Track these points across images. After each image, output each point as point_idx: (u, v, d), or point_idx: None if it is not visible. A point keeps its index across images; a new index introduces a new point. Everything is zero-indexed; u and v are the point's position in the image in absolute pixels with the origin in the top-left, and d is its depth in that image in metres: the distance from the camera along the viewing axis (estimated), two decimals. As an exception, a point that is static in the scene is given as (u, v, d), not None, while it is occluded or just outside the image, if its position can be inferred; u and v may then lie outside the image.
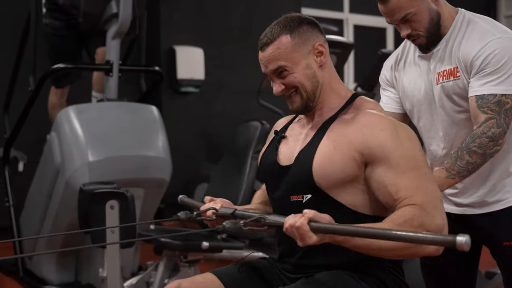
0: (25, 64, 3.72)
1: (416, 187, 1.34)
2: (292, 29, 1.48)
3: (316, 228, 1.21)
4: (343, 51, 4.36)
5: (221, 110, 5.38)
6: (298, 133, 1.56)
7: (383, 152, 1.39)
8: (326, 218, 1.24)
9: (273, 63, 1.47)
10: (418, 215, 1.29)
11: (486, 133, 1.64)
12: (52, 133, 3.20)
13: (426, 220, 1.29)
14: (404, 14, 1.70)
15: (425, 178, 1.37)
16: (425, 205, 1.31)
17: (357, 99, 1.53)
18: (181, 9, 5.28)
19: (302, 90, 1.49)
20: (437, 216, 1.32)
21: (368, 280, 1.44)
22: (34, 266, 3.38)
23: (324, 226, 1.21)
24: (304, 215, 1.23)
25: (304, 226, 1.22)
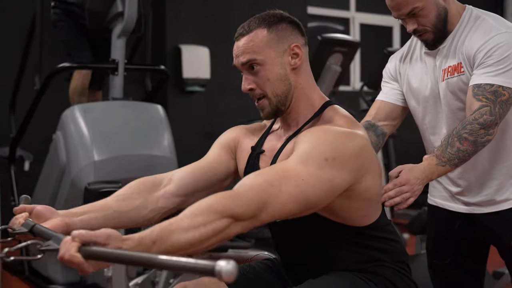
0: (30, 63, 3.73)
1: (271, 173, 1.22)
2: (270, 24, 1.41)
3: (87, 255, 1.01)
4: (349, 49, 4.34)
5: (226, 109, 5.37)
6: (273, 147, 1.48)
7: (300, 145, 1.30)
8: (103, 235, 1.02)
9: (244, 55, 1.41)
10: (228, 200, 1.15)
11: (477, 119, 1.61)
12: (58, 132, 3.20)
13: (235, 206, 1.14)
14: (411, 8, 1.69)
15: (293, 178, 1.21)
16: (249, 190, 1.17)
17: (326, 110, 1.43)
18: (186, 8, 5.27)
19: (272, 95, 1.41)
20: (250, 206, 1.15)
21: (376, 280, 1.43)
22: (40, 265, 3.39)
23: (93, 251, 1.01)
24: (75, 238, 1.01)
25: (74, 258, 1.00)
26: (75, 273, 3.28)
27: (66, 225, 1.29)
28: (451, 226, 1.89)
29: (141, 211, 1.45)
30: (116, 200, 1.44)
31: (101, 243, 1.02)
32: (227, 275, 0.84)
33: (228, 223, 1.14)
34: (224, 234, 1.14)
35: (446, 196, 1.90)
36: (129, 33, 3.31)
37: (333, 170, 1.25)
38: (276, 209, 1.19)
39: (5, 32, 4.51)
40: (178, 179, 1.51)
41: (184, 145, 4.53)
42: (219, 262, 0.84)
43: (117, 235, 1.04)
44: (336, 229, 1.41)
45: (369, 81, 5.02)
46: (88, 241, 1.02)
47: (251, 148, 1.52)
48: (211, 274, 0.85)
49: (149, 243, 1.06)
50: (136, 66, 3.74)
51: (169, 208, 1.49)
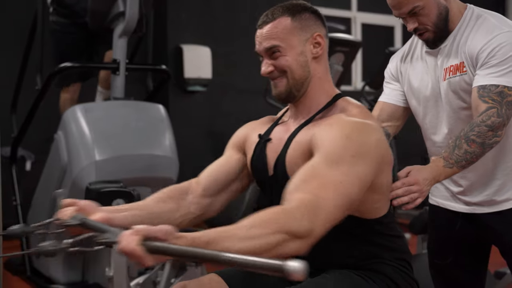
0: (32, 63, 3.73)
1: (308, 183, 1.23)
2: (294, 13, 1.45)
3: (149, 249, 1.06)
4: (351, 49, 4.34)
5: (228, 109, 5.37)
6: (281, 136, 1.49)
7: (320, 143, 1.32)
8: (162, 231, 1.07)
9: (268, 41, 1.44)
10: (283, 217, 1.17)
11: (485, 121, 1.61)
12: (59, 132, 3.20)
13: (289, 223, 1.16)
14: (412, 7, 1.68)
15: (331, 182, 1.23)
16: (299, 207, 1.19)
17: (339, 101, 1.47)
18: (188, 7, 5.27)
19: (290, 76, 1.44)
20: (303, 221, 1.17)
21: (376, 279, 1.43)
22: (41, 265, 3.39)
23: (156, 246, 1.05)
24: (136, 232, 1.06)
25: (136, 251, 1.05)
26: (77, 273, 3.28)
27: (109, 220, 1.32)
28: (453, 226, 1.88)
29: (173, 214, 1.51)
30: (153, 202, 1.51)
31: (161, 238, 1.06)
32: (297, 274, 0.87)
33: (282, 239, 1.15)
34: (277, 250, 1.15)
35: (447, 196, 1.89)
36: (130, 33, 3.31)
37: (362, 165, 1.29)
38: (326, 218, 1.21)
39: (6, 32, 4.52)
40: (203, 182, 1.57)
41: (186, 145, 4.54)
42: (288, 262, 0.87)
43: (173, 232, 1.08)
44: (344, 221, 1.39)
45: (370, 81, 5.01)
46: (149, 235, 1.06)
47: (258, 135, 1.55)
48: (280, 273, 0.88)
49: (202, 244, 1.09)
50: (137, 66, 3.74)
51: (197, 214, 1.56)
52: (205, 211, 1.57)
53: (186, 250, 1.04)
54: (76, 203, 1.34)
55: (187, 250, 1.04)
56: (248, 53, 5.57)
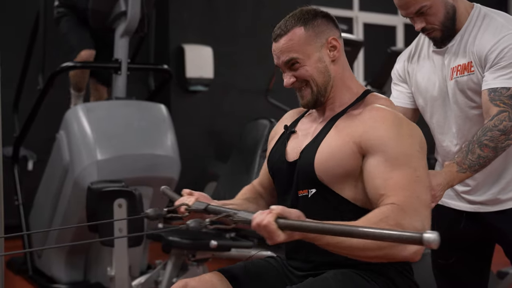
0: (34, 63, 3.73)
1: (402, 187, 1.30)
2: (306, 22, 1.47)
3: (284, 225, 1.16)
4: (353, 49, 4.34)
5: (229, 109, 5.37)
6: (308, 127, 1.54)
7: (379, 144, 1.36)
8: (295, 213, 1.18)
9: (286, 54, 1.46)
10: (396, 214, 1.23)
11: (497, 126, 1.61)
12: (61, 131, 3.20)
13: (403, 221, 1.22)
14: (419, 7, 1.68)
15: (416, 180, 1.31)
16: (406, 206, 1.26)
17: (368, 96, 1.51)
18: (190, 7, 5.27)
19: (313, 84, 1.47)
20: (416, 219, 1.24)
21: (377, 279, 1.42)
22: (43, 265, 3.39)
23: (291, 223, 1.16)
24: (271, 211, 1.17)
25: (270, 224, 1.15)
26: (79, 273, 3.29)
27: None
28: (456, 225, 1.88)
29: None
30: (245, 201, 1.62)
31: (294, 218, 1.16)
32: (434, 243, 0.98)
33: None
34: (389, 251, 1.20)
35: (451, 195, 1.89)
36: (132, 33, 3.31)
37: (423, 154, 1.38)
38: (426, 212, 1.29)
39: (8, 32, 4.52)
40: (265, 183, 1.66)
41: (187, 145, 4.54)
42: (426, 233, 0.98)
43: (303, 217, 1.18)
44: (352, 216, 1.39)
45: (372, 81, 5.01)
46: (283, 215, 1.16)
47: (284, 126, 1.59)
48: (418, 243, 0.99)
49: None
50: (139, 66, 3.74)
51: None
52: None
53: (320, 226, 1.11)
54: (192, 193, 1.47)
55: (320, 225, 1.11)
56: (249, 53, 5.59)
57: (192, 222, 1.25)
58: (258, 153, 3.00)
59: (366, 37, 6.41)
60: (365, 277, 1.42)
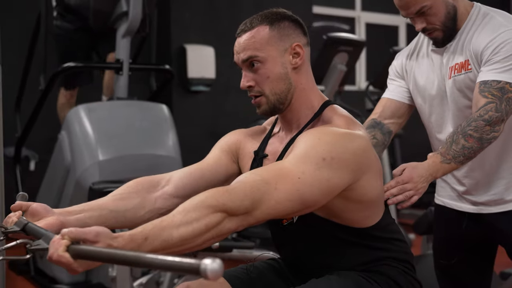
0: (35, 63, 3.73)
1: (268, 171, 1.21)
2: (272, 22, 1.40)
3: (75, 254, 0.99)
4: (355, 49, 4.32)
5: (231, 109, 5.36)
6: (275, 151, 1.46)
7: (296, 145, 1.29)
8: (92, 233, 1.00)
9: (245, 51, 1.40)
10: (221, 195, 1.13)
11: (483, 116, 1.59)
12: (63, 132, 3.20)
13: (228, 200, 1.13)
14: (420, 7, 1.67)
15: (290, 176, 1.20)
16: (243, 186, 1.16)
17: (326, 110, 1.42)
18: (192, 7, 5.26)
19: (270, 93, 1.39)
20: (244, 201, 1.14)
21: (379, 280, 1.42)
22: (45, 265, 3.39)
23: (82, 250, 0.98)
24: (63, 237, 0.99)
25: (62, 258, 0.98)
26: (80, 273, 3.27)
27: (61, 224, 1.26)
28: (459, 226, 1.87)
29: (138, 211, 1.42)
30: (113, 200, 1.41)
31: (91, 240, 0.99)
32: (212, 274, 0.81)
33: (221, 218, 1.12)
34: (217, 230, 1.12)
35: (453, 196, 1.88)
36: (133, 33, 3.31)
37: (331, 170, 1.24)
38: (270, 206, 1.18)
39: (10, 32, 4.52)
40: (177, 180, 1.48)
41: (189, 145, 4.53)
42: (204, 261, 0.81)
43: (107, 233, 1.01)
44: (339, 231, 1.40)
45: (374, 81, 5.00)
46: (77, 238, 0.99)
47: (254, 152, 1.51)
48: (196, 273, 0.82)
49: (141, 239, 1.04)
50: (140, 66, 3.74)
51: (166, 210, 1.45)
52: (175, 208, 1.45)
53: (109, 253, 0.96)
54: (27, 206, 1.27)
55: (109, 253, 0.96)
56: (251, 53, 5.55)
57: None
58: (260, 154, 2.99)
59: (368, 37, 6.40)
60: (367, 278, 1.41)
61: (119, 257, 0.95)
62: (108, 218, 1.37)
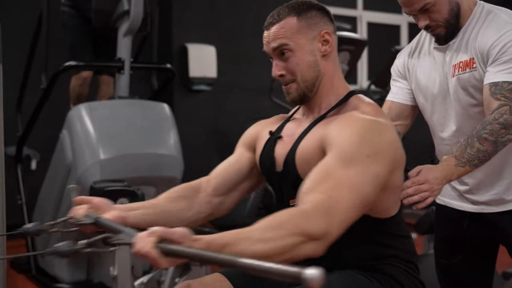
0: (37, 62, 3.73)
1: (327, 187, 1.21)
2: (300, 12, 1.43)
3: (164, 252, 1.04)
4: (357, 48, 4.32)
5: (233, 108, 5.36)
6: (293, 132, 1.48)
7: (333, 141, 1.30)
8: (179, 233, 1.06)
9: (276, 40, 1.42)
10: (298, 218, 1.16)
11: (498, 119, 1.58)
12: (64, 131, 3.20)
13: (304, 225, 1.15)
14: (423, 4, 1.66)
15: (347, 183, 1.22)
16: (316, 208, 1.18)
17: (352, 98, 1.45)
18: (193, 6, 5.26)
19: (301, 80, 1.43)
20: (322, 222, 1.16)
21: (381, 279, 1.41)
22: (47, 264, 3.39)
23: (171, 249, 1.04)
24: (152, 234, 1.05)
25: (150, 254, 1.04)
26: (82, 272, 3.28)
27: (122, 219, 1.33)
28: (460, 225, 1.86)
29: (186, 213, 1.52)
30: (165, 201, 1.51)
31: (177, 241, 1.05)
32: (315, 282, 0.83)
33: (298, 241, 1.14)
34: (293, 253, 1.14)
35: (454, 195, 1.87)
36: (135, 32, 3.31)
37: (377, 165, 1.27)
38: (341, 219, 1.20)
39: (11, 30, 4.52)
40: (214, 181, 1.57)
41: (190, 144, 4.53)
42: (306, 270, 0.84)
43: (189, 235, 1.07)
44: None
45: (376, 80, 4.99)
46: (164, 237, 1.05)
47: (269, 132, 1.54)
48: (297, 280, 0.85)
49: (218, 246, 1.08)
50: (142, 65, 3.74)
51: (209, 213, 1.56)
52: (216, 210, 1.57)
53: (202, 254, 1.01)
54: (89, 200, 1.35)
55: (203, 254, 1.01)
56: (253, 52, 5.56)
57: (63, 245, 1.09)
58: (261, 153, 2.99)
59: (370, 36, 6.39)
60: (369, 277, 1.41)
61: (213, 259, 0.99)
62: (160, 217, 1.46)
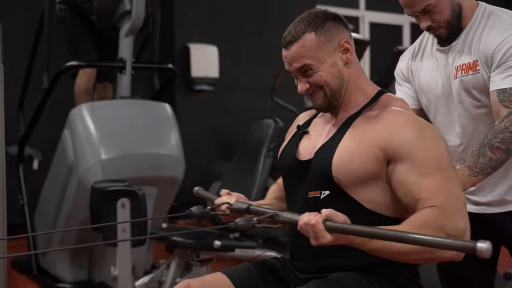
0: (39, 62, 3.73)
1: (438, 189, 1.29)
2: (317, 26, 1.43)
3: (331, 228, 1.16)
4: (359, 48, 4.31)
5: (234, 108, 5.36)
6: (321, 128, 1.52)
7: (406, 150, 1.34)
8: (342, 217, 1.18)
9: (298, 61, 1.43)
10: (438, 217, 1.24)
11: (508, 128, 1.59)
12: (65, 130, 3.20)
13: (446, 223, 1.23)
14: (425, 5, 1.66)
15: (449, 179, 1.31)
16: (447, 207, 1.26)
17: (383, 96, 1.49)
18: (195, 6, 5.26)
19: (327, 89, 1.45)
20: (458, 219, 1.26)
21: (381, 282, 1.41)
22: (48, 264, 3.39)
23: (339, 226, 1.16)
24: (320, 213, 1.18)
25: (318, 224, 1.16)
26: (83, 272, 3.29)
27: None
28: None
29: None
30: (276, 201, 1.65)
31: (341, 221, 1.17)
32: (487, 252, 1.01)
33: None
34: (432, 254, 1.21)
35: (456, 196, 1.87)
36: (136, 32, 3.31)
37: (448, 153, 1.38)
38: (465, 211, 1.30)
39: (13, 31, 4.53)
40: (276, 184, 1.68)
41: (192, 144, 4.53)
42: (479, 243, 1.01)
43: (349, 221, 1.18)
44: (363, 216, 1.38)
45: (378, 80, 4.98)
46: (331, 217, 1.17)
47: (297, 126, 1.58)
48: (472, 252, 1.01)
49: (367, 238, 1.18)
50: (143, 65, 3.74)
51: None
52: None
53: (370, 230, 1.11)
54: (231, 194, 1.51)
55: (370, 230, 1.11)
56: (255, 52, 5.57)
57: (242, 220, 1.28)
58: (263, 153, 2.99)
59: (372, 36, 6.38)
60: (369, 279, 1.40)
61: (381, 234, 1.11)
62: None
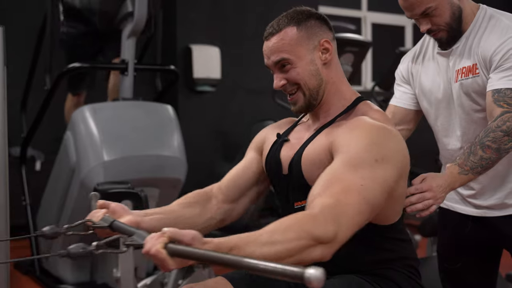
0: (41, 63, 3.74)
1: (337, 191, 1.21)
2: (299, 22, 1.43)
3: (173, 252, 1.05)
4: (361, 49, 4.31)
5: (237, 109, 5.36)
6: (301, 136, 1.50)
7: (342, 146, 1.31)
8: (188, 236, 1.06)
9: (276, 54, 1.43)
10: (307, 222, 1.16)
11: (500, 127, 1.58)
12: (68, 132, 3.20)
13: (313, 228, 1.15)
14: (425, 8, 1.66)
15: (356, 188, 1.22)
16: (326, 212, 1.17)
17: (360, 104, 1.46)
18: (197, 7, 5.26)
19: (305, 88, 1.43)
20: (330, 227, 1.16)
21: (382, 283, 1.41)
22: (50, 265, 3.40)
23: (179, 250, 1.05)
24: (162, 235, 1.06)
25: (159, 253, 1.04)
26: (85, 273, 3.29)
27: (137, 223, 1.37)
28: (463, 229, 1.86)
29: (198, 219, 1.55)
30: (179, 207, 1.54)
31: (187, 242, 1.05)
32: (316, 281, 0.87)
33: (306, 245, 1.14)
34: (301, 257, 1.14)
35: (457, 199, 1.87)
36: (139, 33, 3.31)
37: (385, 169, 1.28)
38: (349, 223, 1.20)
39: (16, 32, 4.54)
40: (225, 188, 1.59)
41: (194, 146, 4.53)
42: (308, 269, 0.88)
43: (200, 237, 1.07)
44: None
45: (380, 81, 4.98)
46: (174, 238, 1.06)
47: (277, 135, 1.55)
48: (300, 280, 0.89)
49: (226, 249, 1.09)
50: (146, 66, 3.74)
51: (220, 219, 1.59)
52: (227, 216, 1.59)
53: (210, 255, 1.03)
54: (107, 205, 1.39)
55: (210, 254, 1.03)
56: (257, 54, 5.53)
57: (74, 247, 1.13)
58: (265, 154, 2.99)
59: (374, 37, 6.38)
60: (370, 281, 1.41)
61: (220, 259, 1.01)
62: (174, 223, 1.47)
